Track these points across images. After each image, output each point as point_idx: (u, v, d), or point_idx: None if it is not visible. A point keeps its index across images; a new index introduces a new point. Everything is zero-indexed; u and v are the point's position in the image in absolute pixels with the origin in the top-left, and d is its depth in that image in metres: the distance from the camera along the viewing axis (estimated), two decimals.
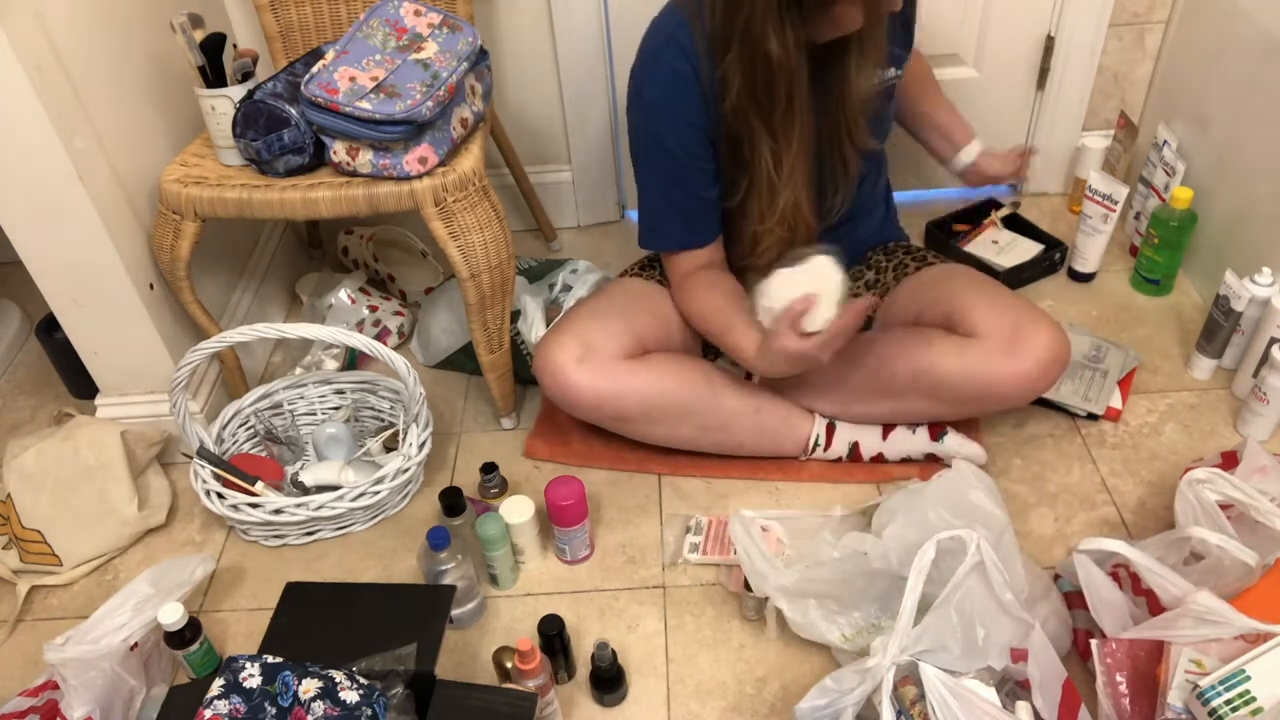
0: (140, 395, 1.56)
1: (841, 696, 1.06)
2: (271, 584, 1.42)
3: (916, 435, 1.47)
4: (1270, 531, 1.13)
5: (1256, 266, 1.51)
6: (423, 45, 1.34)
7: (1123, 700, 1.08)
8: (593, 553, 1.43)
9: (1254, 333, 1.53)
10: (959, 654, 1.07)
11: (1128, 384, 1.60)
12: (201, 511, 1.55)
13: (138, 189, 1.45)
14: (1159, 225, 1.72)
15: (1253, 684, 0.98)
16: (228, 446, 1.53)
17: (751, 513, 1.38)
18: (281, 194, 1.36)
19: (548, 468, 1.56)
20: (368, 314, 1.81)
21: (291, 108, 1.33)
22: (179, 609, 1.21)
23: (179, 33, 1.34)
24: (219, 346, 1.34)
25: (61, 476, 1.45)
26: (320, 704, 1.00)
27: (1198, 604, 1.05)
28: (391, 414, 1.61)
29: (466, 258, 1.39)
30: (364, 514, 1.47)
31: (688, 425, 1.46)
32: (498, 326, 1.50)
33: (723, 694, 1.24)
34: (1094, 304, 1.79)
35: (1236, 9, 1.63)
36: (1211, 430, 1.54)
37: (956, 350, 1.35)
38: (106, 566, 1.48)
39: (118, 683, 1.19)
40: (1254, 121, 1.60)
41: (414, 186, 1.33)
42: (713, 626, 1.32)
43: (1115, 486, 1.46)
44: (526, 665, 1.12)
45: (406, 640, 1.11)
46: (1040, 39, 1.88)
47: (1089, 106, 1.96)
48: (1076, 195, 1.98)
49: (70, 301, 1.45)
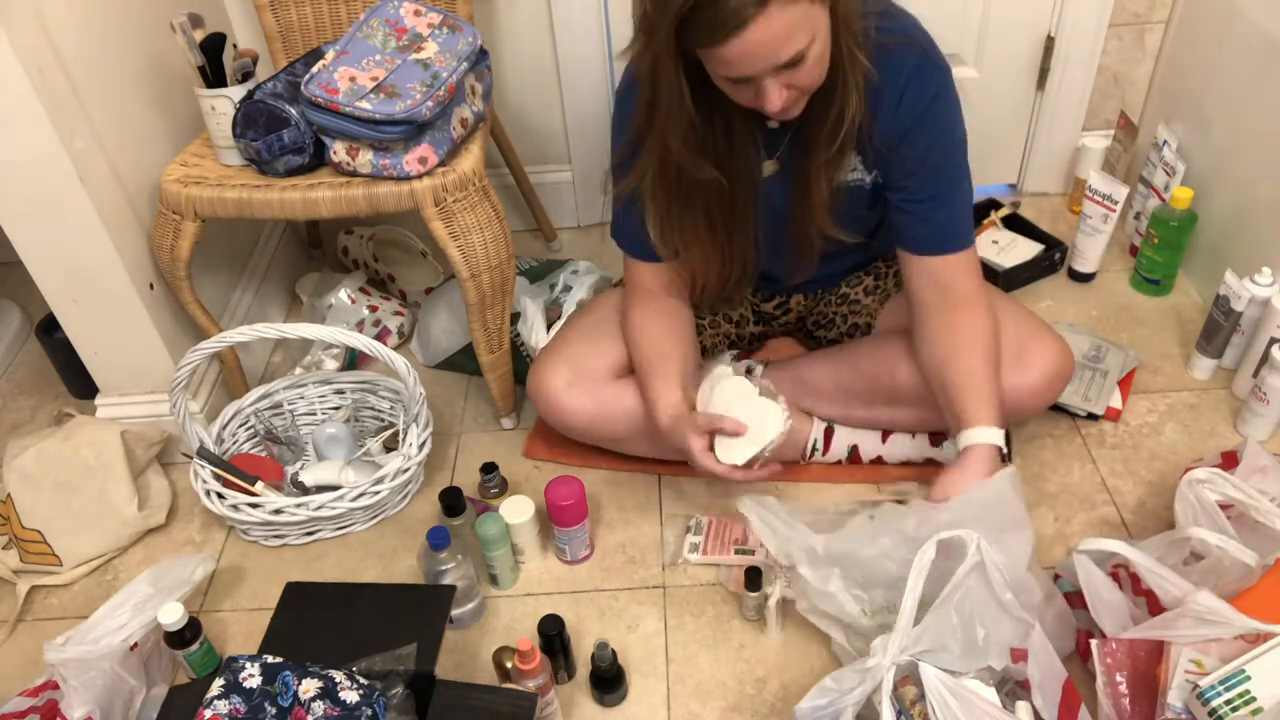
0: (140, 395, 1.56)
1: (841, 696, 1.06)
2: (271, 584, 1.42)
3: (916, 440, 1.47)
4: (1270, 531, 1.13)
5: (1256, 266, 1.51)
6: (423, 45, 1.34)
7: (1123, 700, 1.08)
8: (593, 553, 1.43)
9: (1254, 333, 1.53)
10: (959, 654, 1.07)
11: (1128, 384, 1.60)
12: (201, 511, 1.55)
13: (138, 189, 1.45)
14: (1159, 225, 1.72)
15: (1253, 684, 0.98)
16: (228, 446, 1.53)
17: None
18: (281, 194, 1.36)
19: (548, 468, 1.56)
20: (368, 314, 1.81)
21: (291, 108, 1.33)
22: (179, 609, 1.21)
23: (179, 33, 1.34)
24: (219, 346, 1.34)
25: (61, 476, 1.45)
26: (320, 704, 1.00)
27: (1198, 604, 1.05)
28: (391, 414, 1.61)
29: (466, 258, 1.39)
30: (364, 514, 1.47)
31: None
32: (498, 326, 1.50)
33: (723, 694, 1.24)
34: (1094, 304, 1.79)
35: (1236, 9, 1.63)
36: (1211, 430, 1.54)
37: None
38: (106, 566, 1.48)
39: (118, 683, 1.19)
40: (1254, 121, 1.60)
41: (414, 186, 1.33)
42: (713, 626, 1.32)
43: (1115, 486, 1.46)
44: (526, 665, 1.12)
45: (406, 640, 1.11)
46: (1040, 39, 1.88)
47: (1089, 106, 1.96)
48: (1076, 195, 1.98)
49: (70, 301, 1.45)
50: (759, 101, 1.10)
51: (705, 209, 1.28)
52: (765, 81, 1.07)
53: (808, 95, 1.13)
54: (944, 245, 1.28)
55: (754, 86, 1.08)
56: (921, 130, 1.22)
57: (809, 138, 1.22)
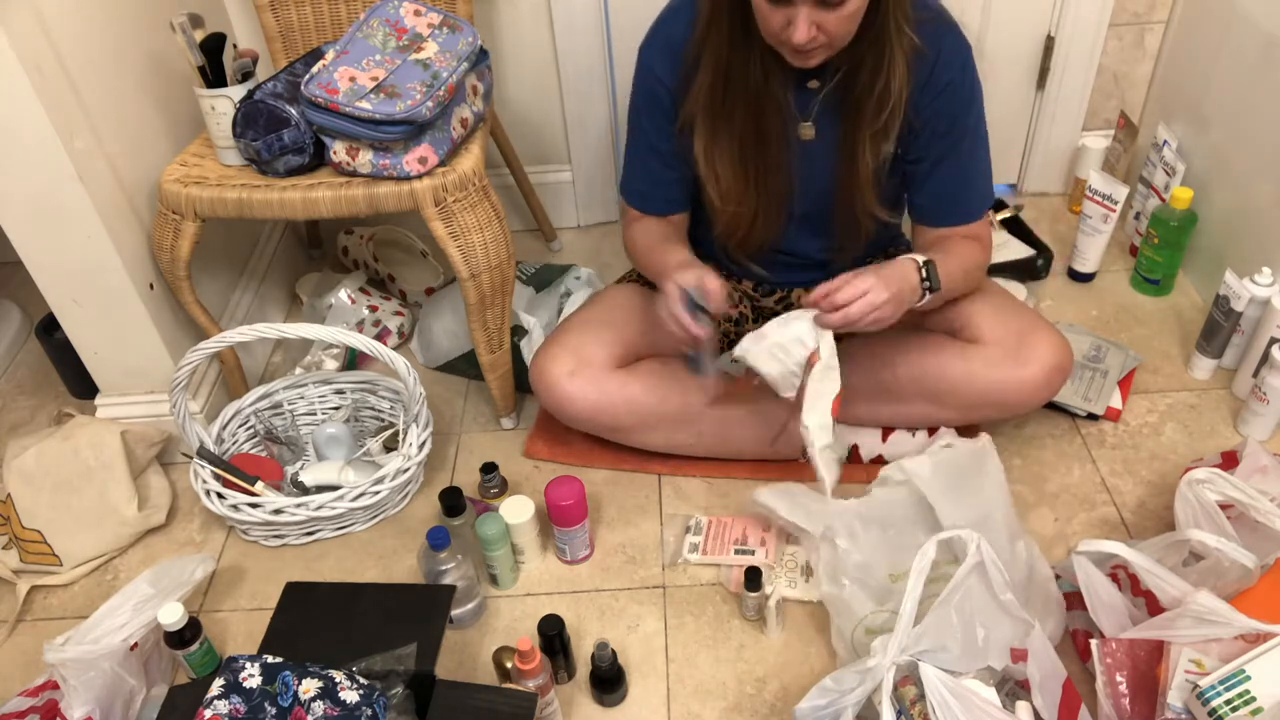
0: (140, 395, 1.56)
1: (841, 696, 1.06)
2: (271, 584, 1.42)
3: (916, 438, 1.47)
4: (1270, 531, 1.13)
5: (1256, 266, 1.51)
6: (423, 45, 1.34)
7: (1123, 700, 1.08)
8: (593, 553, 1.43)
9: (1254, 333, 1.53)
10: (959, 654, 1.07)
11: (1128, 384, 1.60)
12: (201, 511, 1.55)
13: (138, 189, 1.45)
14: (1159, 225, 1.72)
15: (1253, 684, 0.98)
16: (228, 446, 1.53)
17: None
18: (281, 194, 1.36)
19: (548, 468, 1.56)
20: (368, 314, 1.81)
21: (291, 108, 1.33)
22: (179, 609, 1.21)
23: (179, 33, 1.34)
24: (219, 346, 1.34)
25: (61, 476, 1.45)
26: (320, 704, 1.00)
27: (1198, 604, 1.05)
28: (391, 414, 1.61)
29: (466, 258, 1.39)
30: (364, 514, 1.47)
31: (684, 432, 1.46)
32: (498, 326, 1.50)
33: (723, 694, 1.24)
34: (1094, 304, 1.79)
35: (1236, 9, 1.63)
36: (1211, 430, 1.54)
37: (960, 356, 1.36)
38: (106, 566, 1.48)
39: (118, 683, 1.19)
40: (1254, 121, 1.60)
41: (414, 186, 1.33)
42: (713, 626, 1.32)
43: (1115, 486, 1.46)
44: (526, 665, 1.12)
45: (406, 640, 1.12)
46: (1040, 39, 1.88)
47: (1089, 106, 1.96)
48: (1076, 195, 1.98)
49: (70, 301, 1.45)
50: (787, 33, 1.12)
51: (741, 140, 1.30)
52: (799, 9, 1.09)
53: (831, 50, 1.17)
54: (959, 216, 1.35)
55: (787, 14, 1.11)
56: (949, 102, 1.27)
57: (855, 108, 1.25)
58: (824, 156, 1.32)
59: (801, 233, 1.42)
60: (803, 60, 1.17)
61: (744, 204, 1.35)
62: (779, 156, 1.32)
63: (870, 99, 1.23)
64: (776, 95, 1.27)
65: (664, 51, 1.30)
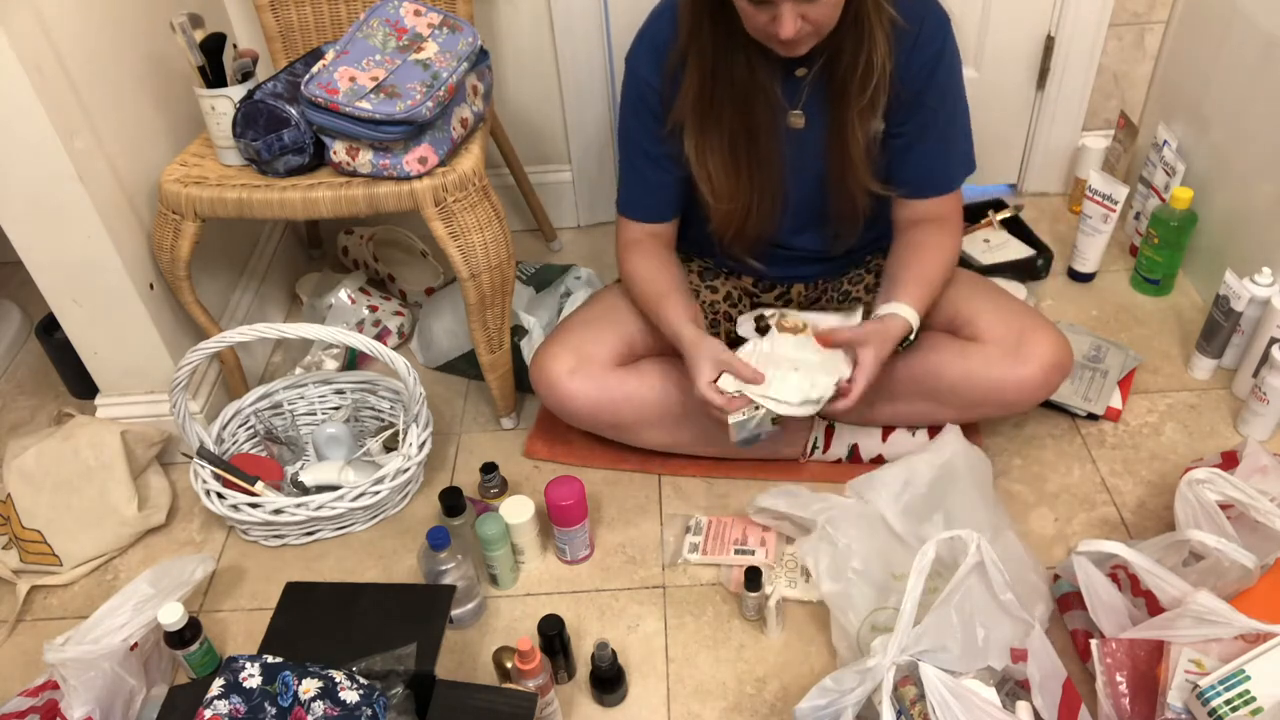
0: (140, 395, 1.56)
1: (841, 696, 1.06)
2: (271, 584, 1.42)
3: (916, 438, 1.47)
4: (1270, 531, 1.13)
5: (1256, 266, 1.51)
6: (423, 45, 1.34)
7: (1123, 700, 1.08)
8: (593, 553, 1.43)
9: (1254, 333, 1.53)
10: (959, 654, 1.07)
11: (1128, 384, 1.60)
12: (201, 511, 1.55)
13: (138, 189, 1.45)
14: (1159, 225, 1.72)
15: (1252, 684, 0.98)
16: (228, 446, 1.53)
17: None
18: (281, 194, 1.36)
19: (548, 468, 1.56)
20: (368, 314, 1.81)
21: (291, 108, 1.33)
22: (179, 609, 1.21)
23: (179, 33, 1.34)
24: (219, 346, 1.34)
25: (61, 476, 1.45)
26: (320, 704, 1.00)
27: (1198, 604, 1.05)
28: (391, 414, 1.61)
29: (466, 258, 1.39)
30: (364, 514, 1.47)
31: (684, 431, 1.46)
32: (498, 326, 1.50)
33: (723, 694, 1.24)
34: (1094, 304, 1.79)
35: (1236, 9, 1.63)
36: (1211, 430, 1.54)
37: (960, 354, 1.36)
38: (106, 566, 1.48)
39: (118, 683, 1.19)
40: (1254, 121, 1.60)
41: (414, 186, 1.33)
42: (713, 626, 1.32)
43: (1115, 486, 1.46)
44: (526, 665, 1.12)
45: (406, 640, 1.11)
46: (1040, 39, 1.88)
47: (1089, 106, 1.96)
48: (1077, 195, 1.98)
49: (70, 301, 1.44)
50: (773, 28, 1.12)
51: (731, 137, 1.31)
52: (783, 6, 1.10)
53: (818, 36, 1.17)
54: (937, 187, 1.37)
55: (771, 11, 1.11)
56: (931, 75, 1.28)
57: (840, 89, 1.26)
58: (815, 142, 1.33)
59: (797, 225, 1.43)
60: (791, 50, 1.18)
61: (737, 200, 1.36)
62: (770, 149, 1.33)
63: (855, 77, 1.24)
64: (764, 88, 1.27)
65: (649, 55, 1.31)
